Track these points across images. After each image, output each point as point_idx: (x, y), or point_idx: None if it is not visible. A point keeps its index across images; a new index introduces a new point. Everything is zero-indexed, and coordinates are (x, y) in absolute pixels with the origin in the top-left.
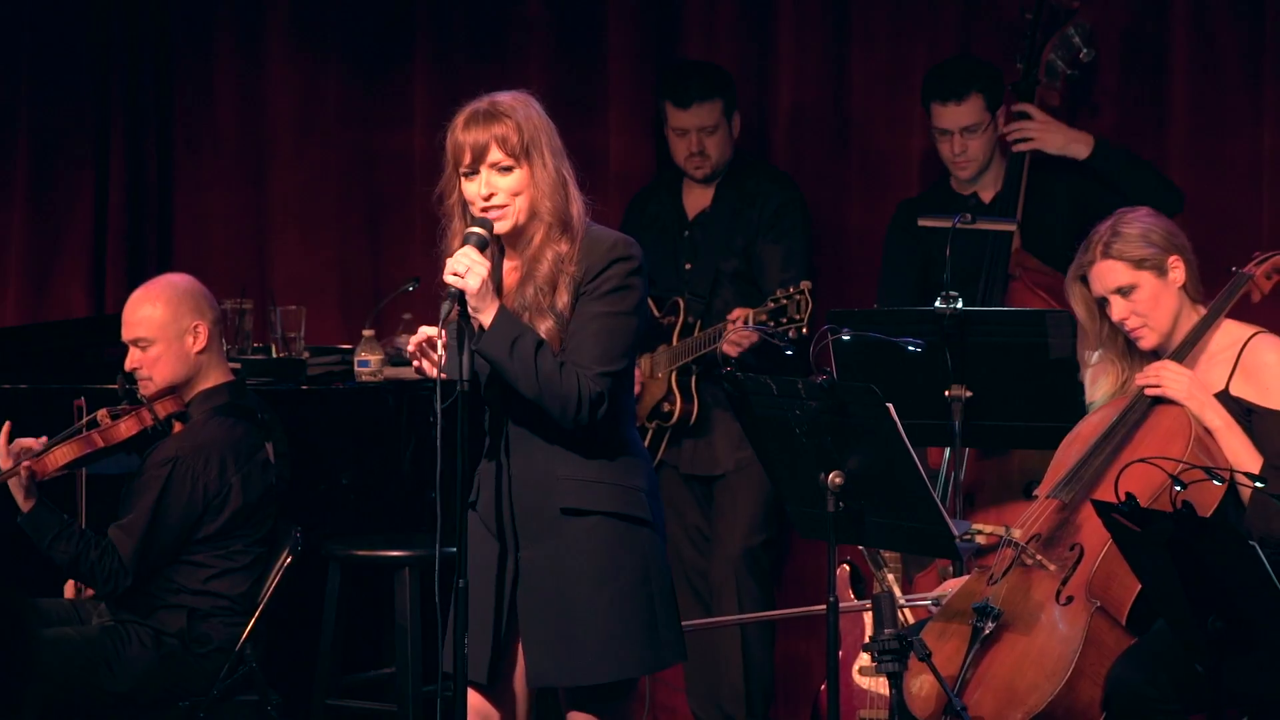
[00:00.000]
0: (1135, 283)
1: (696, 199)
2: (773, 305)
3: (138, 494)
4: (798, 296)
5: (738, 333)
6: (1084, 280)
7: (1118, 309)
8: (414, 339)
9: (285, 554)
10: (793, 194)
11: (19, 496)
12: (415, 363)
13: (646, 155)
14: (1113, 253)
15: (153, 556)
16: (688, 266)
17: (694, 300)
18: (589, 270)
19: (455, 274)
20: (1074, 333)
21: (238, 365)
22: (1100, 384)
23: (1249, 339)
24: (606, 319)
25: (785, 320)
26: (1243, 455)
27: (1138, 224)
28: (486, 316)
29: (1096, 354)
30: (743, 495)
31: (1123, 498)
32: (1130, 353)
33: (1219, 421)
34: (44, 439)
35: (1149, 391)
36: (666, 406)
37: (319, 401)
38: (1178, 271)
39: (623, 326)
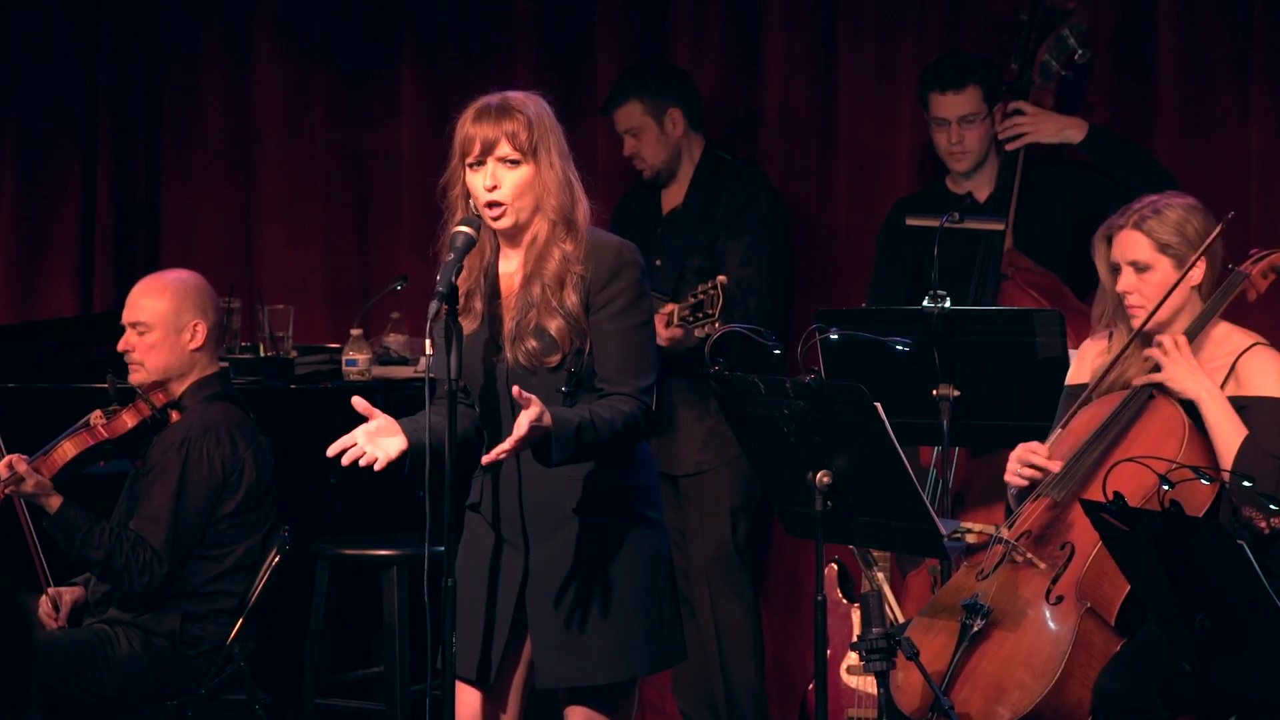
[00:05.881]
0: (1151, 264)
1: (672, 196)
2: (693, 300)
3: (154, 483)
4: (711, 291)
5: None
6: (1109, 241)
7: (1126, 280)
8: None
9: (274, 553)
10: (757, 190)
11: (42, 500)
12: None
13: None
14: (1144, 227)
15: (184, 540)
16: (658, 263)
17: (657, 297)
18: (597, 275)
19: None
20: (1063, 332)
21: (225, 364)
22: (1090, 363)
23: (1247, 349)
24: (634, 332)
25: (701, 315)
26: (1225, 425)
27: (1179, 210)
28: (559, 453)
29: (1094, 336)
30: (714, 495)
31: (1111, 497)
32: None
33: (1204, 393)
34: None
35: (1149, 371)
36: None
37: (307, 401)
38: (1197, 272)
39: (648, 336)
